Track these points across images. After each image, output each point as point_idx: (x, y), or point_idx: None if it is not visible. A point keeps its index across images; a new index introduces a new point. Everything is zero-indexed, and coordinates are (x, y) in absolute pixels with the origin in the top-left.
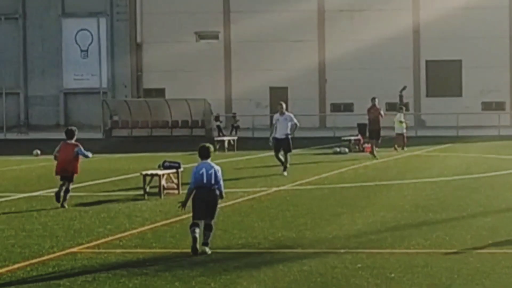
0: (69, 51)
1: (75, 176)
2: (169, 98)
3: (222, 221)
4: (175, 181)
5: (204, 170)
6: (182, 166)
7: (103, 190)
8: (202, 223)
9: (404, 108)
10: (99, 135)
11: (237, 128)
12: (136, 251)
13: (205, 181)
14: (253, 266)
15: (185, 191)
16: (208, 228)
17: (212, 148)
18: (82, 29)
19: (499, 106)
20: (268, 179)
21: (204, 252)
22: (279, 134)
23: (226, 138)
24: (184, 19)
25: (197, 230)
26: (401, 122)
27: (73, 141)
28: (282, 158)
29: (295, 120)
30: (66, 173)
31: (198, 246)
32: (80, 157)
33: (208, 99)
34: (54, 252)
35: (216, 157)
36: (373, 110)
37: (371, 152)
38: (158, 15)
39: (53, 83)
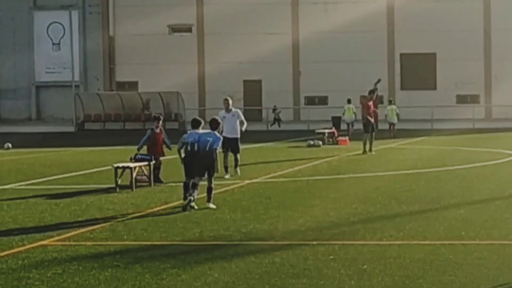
0: (41, 43)
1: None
2: (142, 91)
3: (193, 213)
4: (147, 173)
5: (191, 139)
6: (153, 159)
7: (74, 183)
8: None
9: (392, 101)
10: (71, 129)
11: (278, 120)
12: (107, 244)
13: (195, 148)
14: (225, 258)
15: (156, 184)
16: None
17: (199, 122)
18: (54, 22)
19: (474, 99)
20: (242, 172)
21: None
22: (229, 132)
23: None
24: (157, 12)
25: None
26: (397, 113)
27: (158, 129)
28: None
29: (243, 117)
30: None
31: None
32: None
33: (182, 92)
34: (24, 245)
35: None
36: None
37: (364, 148)
38: (131, 8)
39: (24, 76)
